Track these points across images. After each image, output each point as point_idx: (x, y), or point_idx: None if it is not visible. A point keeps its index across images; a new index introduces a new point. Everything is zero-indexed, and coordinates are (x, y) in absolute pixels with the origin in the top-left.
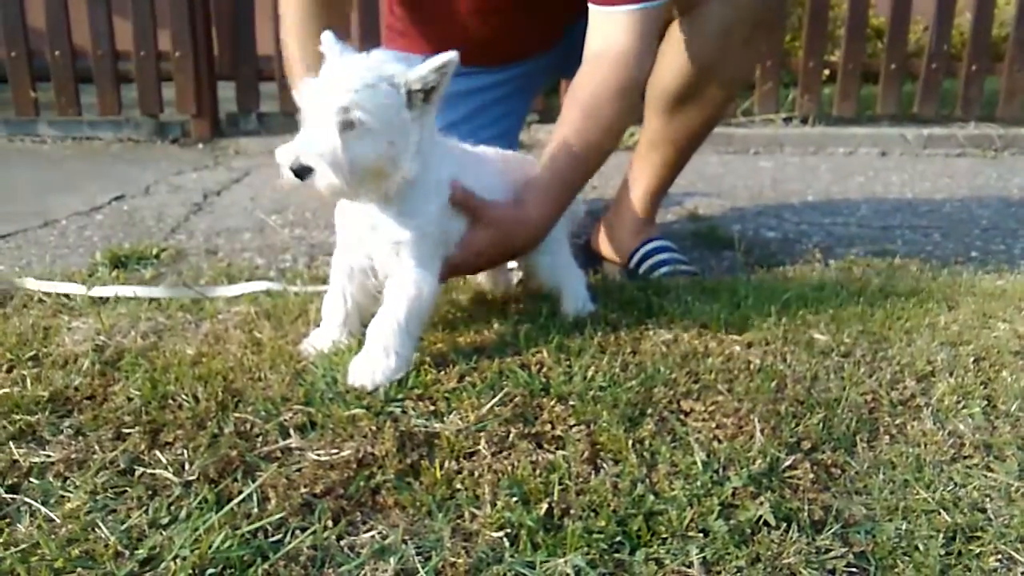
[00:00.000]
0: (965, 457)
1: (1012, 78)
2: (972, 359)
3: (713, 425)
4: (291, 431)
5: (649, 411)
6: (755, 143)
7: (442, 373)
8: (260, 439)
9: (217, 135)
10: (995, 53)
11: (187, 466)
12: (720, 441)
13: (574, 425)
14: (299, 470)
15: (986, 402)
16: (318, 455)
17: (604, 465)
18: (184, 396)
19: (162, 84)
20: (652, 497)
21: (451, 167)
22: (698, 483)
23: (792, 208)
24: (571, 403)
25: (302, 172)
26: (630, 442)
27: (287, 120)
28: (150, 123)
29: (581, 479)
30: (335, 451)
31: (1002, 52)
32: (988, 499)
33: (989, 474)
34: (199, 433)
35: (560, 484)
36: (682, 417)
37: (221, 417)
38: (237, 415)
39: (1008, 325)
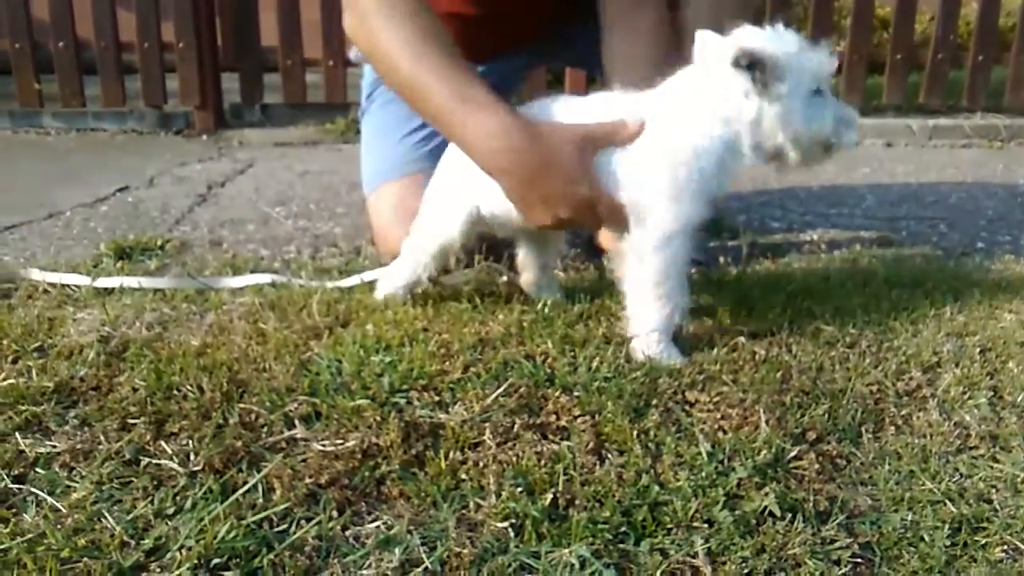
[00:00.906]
0: (971, 448)
1: (1019, 68)
2: (978, 350)
3: (718, 416)
4: (296, 422)
5: (654, 402)
6: None
7: (447, 364)
8: (265, 429)
9: (221, 126)
10: (1002, 42)
11: (192, 456)
12: (725, 432)
13: (579, 416)
14: (304, 460)
15: (992, 393)
16: (323, 446)
17: (609, 456)
18: (189, 387)
19: (166, 75)
20: (657, 488)
21: None
22: (703, 474)
23: (797, 199)
24: (576, 394)
25: None
26: (635, 433)
27: (291, 111)
28: (154, 114)
29: (586, 470)
30: (340, 441)
31: (1009, 41)
32: (994, 490)
33: (995, 465)
34: (204, 424)
35: (565, 474)
36: (687, 408)
37: (226, 408)
38: (242, 406)
39: (1014, 316)
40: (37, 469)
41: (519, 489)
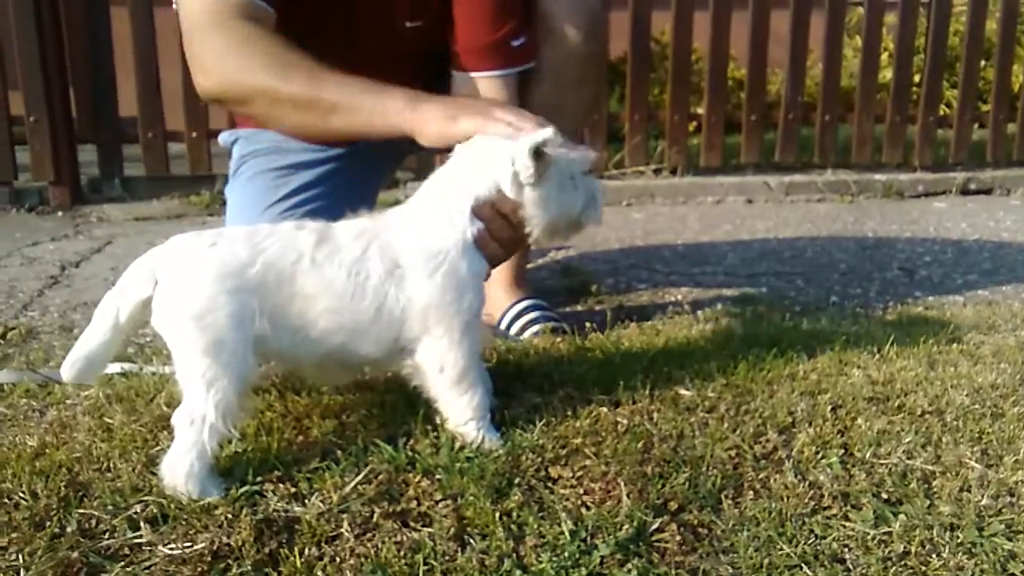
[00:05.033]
0: (824, 508)
1: (862, 127)
2: (830, 408)
3: (581, 491)
4: (141, 524)
5: (516, 480)
6: (627, 195)
7: (304, 452)
8: (107, 535)
9: (78, 201)
10: (848, 102)
11: (22, 573)
12: (588, 507)
13: (440, 500)
14: (148, 567)
15: (843, 450)
16: (170, 549)
17: (471, 541)
18: (22, 494)
19: (17, 149)
20: (520, 572)
21: None
22: (566, 554)
23: (663, 259)
24: (437, 477)
25: None
26: (497, 514)
27: (154, 184)
28: (4, 191)
29: (447, 558)
30: (188, 544)
31: (853, 101)
32: (847, 549)
33: (847, 524)
34: (37, 535)
35: (426, 564)
36: (550, 485)
37: (63, 515)
38: (81, 511)
39: (862, 371)
40: None
41: None
